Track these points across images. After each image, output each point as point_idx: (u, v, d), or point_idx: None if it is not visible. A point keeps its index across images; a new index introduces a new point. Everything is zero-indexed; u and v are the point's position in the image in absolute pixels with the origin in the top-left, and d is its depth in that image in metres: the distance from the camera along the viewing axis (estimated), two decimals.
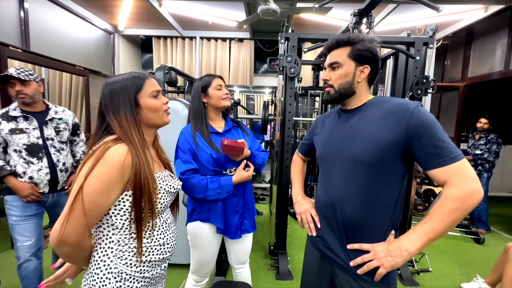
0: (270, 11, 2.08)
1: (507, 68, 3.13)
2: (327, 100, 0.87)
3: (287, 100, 2.04)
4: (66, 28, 3.05)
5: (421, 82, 1.96)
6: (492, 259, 2.27)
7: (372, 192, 0.76)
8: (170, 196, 0.80)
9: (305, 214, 0.94)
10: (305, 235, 2.71)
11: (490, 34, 3.43)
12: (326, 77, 0.85)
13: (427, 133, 0.69)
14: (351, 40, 0.80)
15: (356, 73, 0.81)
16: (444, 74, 4.38)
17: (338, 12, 3.05)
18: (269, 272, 2.05)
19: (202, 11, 3.33)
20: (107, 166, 0.63)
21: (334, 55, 0.83)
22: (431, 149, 0.69)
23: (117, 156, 0.64)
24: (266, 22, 3.45)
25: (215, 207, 1.17)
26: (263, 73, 4.56)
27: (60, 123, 1.57)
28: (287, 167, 2.09)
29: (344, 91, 0.83)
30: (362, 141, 0.77)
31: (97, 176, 0.62)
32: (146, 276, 0.74)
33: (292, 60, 1.93)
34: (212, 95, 1.19)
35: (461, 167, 0.67)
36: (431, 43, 1.99)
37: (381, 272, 0.71)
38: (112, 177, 0.64)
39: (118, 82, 0.73)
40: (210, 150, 1.15)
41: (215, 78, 1.21)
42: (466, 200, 0.65)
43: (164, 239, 0.78)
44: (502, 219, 3.32)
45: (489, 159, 2.77)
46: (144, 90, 0.73)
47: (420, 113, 0.71)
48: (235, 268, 1.34)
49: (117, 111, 0.71)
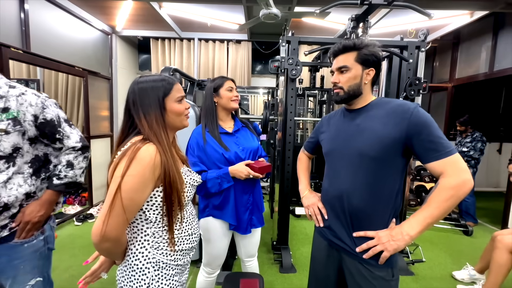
0: (272, 15, 2.16)
1: (491, 70, 3.32)
2: (336, 100, 0.94)
3: (288, 101, 2.13)
4: (64, 29, 3.04)
5: (414, 83, 2.08)
6: (480, 249, 2.41)
7: (376, 184, 0.84)
8: (193, 189, 0.85)
9: (312, 207, 1.02)
10: (305, 230, 2.82)
11: (475, 38, 3.63)
12: (336, 80, 0.92)
13: (425, 130, 0.78)
14: (357, 46, 0.88)
15: (363, 75, 0.89)
16: (433, 75, 4.57)
17: (335, 16, 3.16)
18: (273, 266, 2.13)
19: (202, 13, 3.38)
20: (141, 165, 0.67)
21: (342, 60, 0.90)
22: (429, 144, 0.77)
23: (148, 155, 0.68)
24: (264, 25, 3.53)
25: (228, 205, 1.22)
26: (260, 74, 4.64)
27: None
28: (288, 165, 2.18)
29: (352, 92, 0.90)
30: (367, 138, 0.85)
31: (132, 175, 0.66)
32: (179, 264, 0.80)
33: (293, 63, 2.02)
34: (223, 96, 1.25)
35: (455, 160, 0.76)
36: (423, 47, 2.12)
37: (385, 255, 0.80)
38: (145, 175, 0.68)
39: (148, 83, 0.76)
40: (221, 149, 1.20)
41: (228, 80, 1.28)
42: (460, 188, 0.74)
43: (192, 229, 0.85)
44: (488, 212, 3.52)
45: (475, 156, 2.95)
46: (171, 94, 0.77)
47: (419, 113, 0.80)
48: (245, 261, 1.40)
49: (147, 111, 0.74)
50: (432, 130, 0.78)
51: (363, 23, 2.00)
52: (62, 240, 2.44)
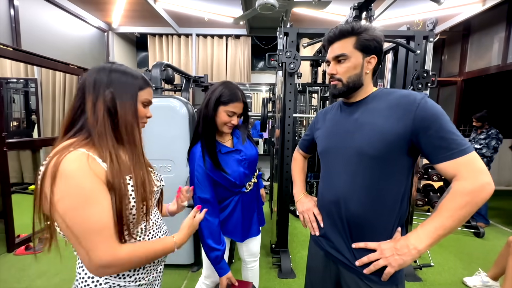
0: (268, 5, 2.04)
1: (504, 62, 3.13)
2: (334, 94, 0.82)
3: (286, 97, 2.01)
4: (58, 26, 2.97)
5: (421, 76, 1.94)
6: (493, 253, 2.28)
7: (377, 188, 0.73)
8: (156, 195, 0.74)
9: (307, 213, 0.92)
10: (306, 232, 2.71)
11: (487, 28, 3.43)
12: (333, 71, 0.80)
13: (435, 124, 0.66)
14: (355, 30, 0.75)
15: (364, 64, 0.78)
16: (442, 69, 4.38)
17: (335, 7, 3.01)
18: (271, 270, 2.03)
19: (198, 7, 3.28)
20: (68, 181, 0.53)
21: (338, 47, 0.78)
22: (439, 141, 0.66)
23: (75, 165, 0.54)
24: (263, 19, 3.41)
25: (235, 223, 1.14)
26: (261, 70, 4.52)
27: None
28: (287, 164, 2.07)
29: (352, 84, 0.79)
30: (366, 134, 0.74)
31: (62, 197, 0.52)
32: (142, 284, 0.68)
33: (291, 56, 1.89)
34: (220, 116, 1.03)
35: (471, 159, 0.64)
36: (431, 37, 1.97)
37: (389, 271, 0.69)
38: (84, 188, 0.54)
39: (127, 73, 0.66)
40: (227, 175, 1.06)
41: (237, 102, 1.03)
42: (477, 194, 0.63)
43: None
44: (500, 212, 3.34)
45: (487, 154, 2.78)
46: (141, 93, 0.69)
47: (427, 104, 0.69)
48: (247, 262, 1.32)
49: (121, 99, 0.62)
50: (442, 124, 0.66)
51: (366, 11, 1.86)
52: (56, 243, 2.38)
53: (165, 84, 2.42)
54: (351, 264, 0.77)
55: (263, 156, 4.21)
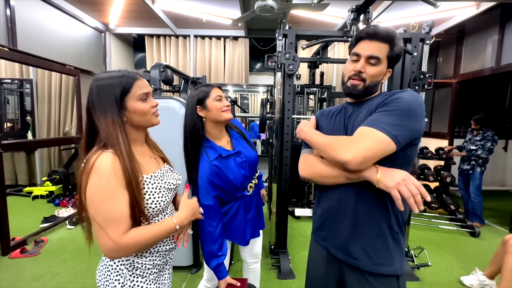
0: (267, 7, 2.05)
1: (498, 64, 3.19)
2: (351, 93, 0.80)
3: (285, 98, 2.02)
4: (55, 27, 2.95)
5: (418, 78, 1.97)
6: (488, 252, 2.31)
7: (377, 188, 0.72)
8: (171, 192, 0.81)
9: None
10: (305, 233, 2.72)
11: (481, 31, 3.49)
12: (361, 68, 0.76)
13: (387, 107, 0.70)
14: (394, 39, 0.74)
15: (385, 74, 0.79)
16: (437, 71, 4.44)
17: (333, 10, 3.04)
18: (270, 271, 2.03)
19: (196, 8, 3.28)
20: (100, 177, 0.63)
21: (377, 48, 0.75)
22: (374, 114, 0.71)
23: (105, 165, 0.64)
24: (261, 20, 3.42)
25: (238, 227, 1.13)
26: (258, 71, 4.53)
27: None
28: (286, 165, 2.07)
29: (371, 89, 0.78)
30: (354, 129, 0.76)
31: (95, 189, 0.63)
32: (156, 264, 0.78)
33: (290, 57, 1.91)
34: (211, 108, 1.03)
35: (365, 131, 0.68)
36: (428, 39, 2.01)
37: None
38: (110, 185, 0.63)
39: (105, 80, 0.69)
40: (229, 174, 1.05)
41: (214, 88, 1.06)
42: (333, 149, 0.71)
43: None
44: (495, 212, 3.39)
45: (482, 155, 2.83)
46: (132, 92, 0.70)
47: (400, 97, 0.71)
48: (249, 263, 1.32)
49: (103, 113, 0.67)
50: (394, 109, 0.69)
51: (364, 14, 1.89)
52: (52, 245, 2.35)
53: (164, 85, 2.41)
54: (354, 263, 0.77)
55: (262, 157, 4.22)
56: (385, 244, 0.76)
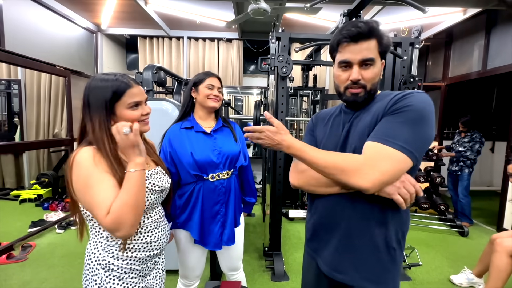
0: (261, 10, 2.07)
1: (484, 68, 3.29)
2: (355, 101, 0.72)
3: (279, 100, 2.03)
4: (45, 27, 2.89)
5: (408, 81, 2.01)
6: (477, 250, 2.37)
7: (374, 197, 0.66)
8: (155, 194, 0.81)
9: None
10: (299, 234, 2.72)
11: (468, 36, 3.60)
12: (357, 77, 0.68)
13: (398, 115, 0.62)
14: (375, 31, 0.67)
15: (381, 69, 0.71)
16: (426, 74, 4.55)
17: (326, 13, 3.09)
18: (264, 273, 2.03)
19: (190, 10, 3.27)
20: (80, 167, 0.67)
21: (367, 48, 0.67)
22: (381, 125, 0.63)
23: (84, 157, 0.67)
24: (255, 22, 3.44)
25: (195, 215, 1.10)
26: (252, 74, 4.55)
27: None
28: (280, 167, 2.08)
29: (373, 91, 0.71)
30: (356, 139, 0.70)
31: (77, 178, 0.67)
32: (135, 269, 0.78)
33: (283, 60, 1.92)
34: (201, 92, 1.14)
35: (379, 151, 0.61)
36: (417, 43, 2.06)
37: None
38: (90, 172, 0.66)
39: (99, 82, 0.71)
40: (191, 148, 1.07)
41: (211, 76, 1.16)
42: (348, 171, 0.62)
43: (152, 237, 0.80)
44: (483, 212, 3.48)
45: (471, 157, 2.91)
46: (123, 99, 0.71)
47: (410, 103, 0.63)
48: (228, 274, 1.30)
49: (93, 113, 0.70)
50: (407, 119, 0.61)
51: (355, 18, 1.92)
52: (40, 250, 2.29)
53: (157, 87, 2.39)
54: (341, 279, 0.72)
55: (255, 159, 4.21)
56: (379, 260, 0.69)
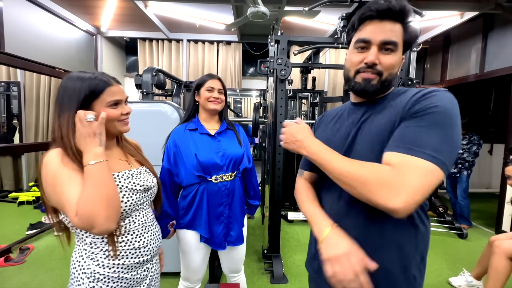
0: (260, 13, 2.08)
1: (482, 71, 3.32)
2: (364, 90, 0.61)
3: (278, 102, 2.04)
4: (45, 29, 2.90)
5: (406, 83, 2.03)
6: (476, 253, 2.37)
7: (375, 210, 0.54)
8: (138, 194, 0.75)
9: (352, 274, 0.52)
10: (298, 237, 2.72)
11: (465, 39, 3.63)
12: (374, 60, 0.57)
13: (423, 118, 0.52)
14: (405, 13, 0.56)
15: (400, 63, 0.61)
16: (425, 77, 4.58)
17: (325, 17, 3.11)
18: (263, 276, 2.02)
19: (189, 13, 3.29)
20: (49, 169, 0.64)
21: (389, 30, 0.57)
22: (406, 131, 0.52)
23: (51, 159, 0.65)
24: (254, 25, 3.46)
25: (200, 215, 1.12)
26: (251, 76, 4.56)
27: None
28: (279, 169, 2.09)
29: (387, 84, 0.60)
30: (361, 143, 0.62)
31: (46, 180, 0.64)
32: (123, 277, 0.73)
33: (282, 63, 1.94)
34: (202, 95, 1.16)
35: (407, 163, 0.49)
36: (415, 46, 2.07)
37: None
38: (58, 172, 0.63)
39: (75, 81, 0.68)
40: (195, 150, 1.09)
41: (212, 79, 1.17)
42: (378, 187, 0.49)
43: (140, 242, 0.76)
44: (481, 214, 3.49)
45: (468, 159, 2.92)
46: (102, 97, 0.69)
47: (434, 97, 0.53)
48: (229, 276, 1.31)
49: (63, 112, 0.66)
50: (434, 122, 0.51)
51: None
52: (38, 253, 2.27)
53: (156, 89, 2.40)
54: None
55: (254, 161, 4.21)
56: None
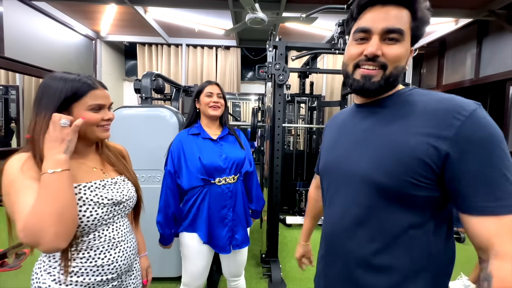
0: (258, 19, 2.11)
1: (477, 76, 3.37)
2: (364, 88, 0.53)
3: (276, 107, 2.06)
4: (44, 33, 2.92)
5: None
6: (473, 257, 2.36)
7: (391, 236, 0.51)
8: (105, 208, 0.69)
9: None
10: (296, 241, 2.71)
11: (461, 45, 3.69)
12: (376, 51, 0.50)
13: (485, 153, 0.43)
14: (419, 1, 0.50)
15: (408, 56, 0.54)
16: (421, 82, 4.63)
17: (322, 22, 3.15)
18: (261, 281, 2.01)
19: (189, 18, 3.33)
20: (8, 176, 0.60)
21: (394, 16, 0.49)
22: (482, 179, 0.42)
23: (13, 164, 0.61)
24: (252, 31, 3.50)
25: (200, 217, 1.13)
26: (250, 80, 4.60)
27: None
28: (277, 173, 2.09)
29: (393, 79, 0.52)
30: (375, 150, 0.53)
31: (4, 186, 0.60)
32: None
33: (280, 68, 1.96)
34: (202, 101, 1.19)
35: None
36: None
37: None
38: (17, 181, 0.59)
39: (57, 81, 0.64)
40: (199, 153, 1.11)
41: (210, 85, 1.20)
42: None
43: (104, 259, 0.69)
44: None
45: None
46: (83, 100, 0.66)
47: (481, 119, 0.45)
48: (229, 280, 1.31)
49: (39, 112, 0.63)
50: (498, 156, 0.42)
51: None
52: (34, 258, 2.24)
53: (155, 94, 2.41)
54: None
55: None
56: None
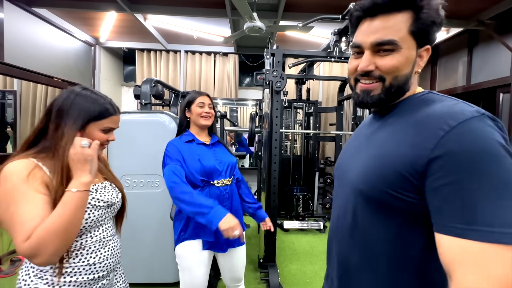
0: (256, 28, 2.17)
1: (468, 83, 3.47)
2: (363, 102, 0.53)
3: (273, 113, 2.10)
4: (44, 39, 2.95)
5: None
6: None
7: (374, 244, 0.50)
8: (101, 210, 0.75)
9: None
10: (294, 246, 2.72)
11: (452, 53, 3.80)
12: (369, 67, 0.49)
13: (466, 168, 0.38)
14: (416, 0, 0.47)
15: (416, 59, 0.50)
16: None
17: (319, 30, 3.23)
18: (259, 286, 2.02)
19: (187, 26, 3.39)
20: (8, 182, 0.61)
21: (384, 27, 0.48)
22: (453, 197, 0.39)
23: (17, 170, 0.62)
24: (250, 38, 3.56)
25: None
26: (247, 86, 4.65)
27: None
28: (274, 178, 2.12)
29: (396, 89, 0.50)
30: (365, 160, 0.52)
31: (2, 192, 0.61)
32: None
33: (278, 75, 2.01)
34: (193, 111, 1.22)
35: (493, 254, 0.35)
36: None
37: None
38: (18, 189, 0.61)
39: (89, 98, 0.71)
40: (198, 156, 1.15)
41: (201, 95, 1.23)
42: None
43: (96, 258, 0.73)
44: None
45: None
46: (101, 122, 0.73)
47: (473, 131, 0.39)
48: (230, 287, 1.30)
49: (66, 122, 0.68)
50: (483, 172, 0.37)
51: (345, 36, 2.04)
52: None
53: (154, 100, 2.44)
54: None
55: (250, 170, 4.24)
56: None
